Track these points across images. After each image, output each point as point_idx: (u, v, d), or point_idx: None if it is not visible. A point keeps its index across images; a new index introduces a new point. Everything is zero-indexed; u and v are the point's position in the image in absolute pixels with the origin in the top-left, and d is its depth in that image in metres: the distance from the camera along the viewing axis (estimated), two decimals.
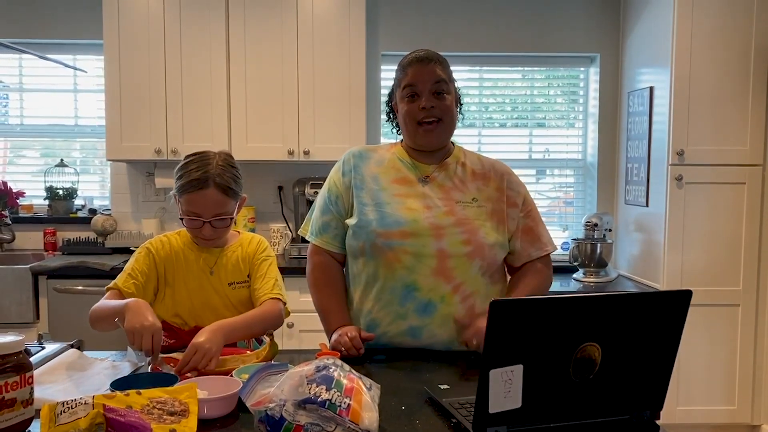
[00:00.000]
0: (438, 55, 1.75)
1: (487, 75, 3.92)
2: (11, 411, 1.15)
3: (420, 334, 1.70)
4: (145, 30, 3.40)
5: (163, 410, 1.13)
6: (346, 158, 1.83)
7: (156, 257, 1.74)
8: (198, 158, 1.70)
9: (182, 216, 1.71)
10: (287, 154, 3.46)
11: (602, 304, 1.12)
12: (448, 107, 1.73)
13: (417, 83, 1.72)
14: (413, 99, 1.73)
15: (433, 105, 1.71)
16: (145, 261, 1.74)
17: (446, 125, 1.74)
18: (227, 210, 1.71)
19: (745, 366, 3.24)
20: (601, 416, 1.19)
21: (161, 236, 1.81)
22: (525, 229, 1.78)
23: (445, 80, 1.73)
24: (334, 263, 1.84)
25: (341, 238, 1.80)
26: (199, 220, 1.68)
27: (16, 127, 3.91)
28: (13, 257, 3.62)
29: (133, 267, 1.73)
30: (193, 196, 1.67)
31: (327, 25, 3.42)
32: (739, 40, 3.12)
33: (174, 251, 1.76)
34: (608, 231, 3.52)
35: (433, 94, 1.71)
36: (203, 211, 1.68)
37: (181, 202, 1.70)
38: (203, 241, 1.74)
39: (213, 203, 1.67)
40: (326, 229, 1.81)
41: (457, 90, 1.80)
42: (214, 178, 1.66)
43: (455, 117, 1.78)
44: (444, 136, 1.76)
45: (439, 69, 1.72)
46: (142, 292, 1.70)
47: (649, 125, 3.36)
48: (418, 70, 1.72)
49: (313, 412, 1.08)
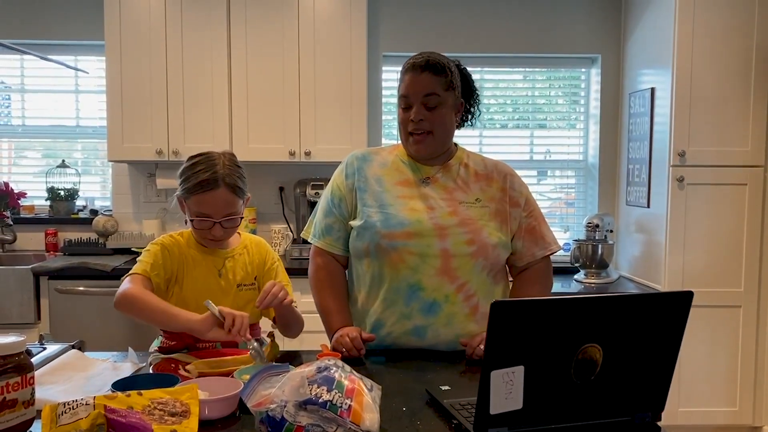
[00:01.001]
0: (437, 62, 1.70)
1: (488, 76, 3.92)
2: (12, 412, 1.15)
3: (425, 333, 1.71)
4: (146, 31, 3.40)
5: (164, 411, 1.13)
6: (350, 161, 1.83)
7: (170, 254, 1.73)
8: (204, 159, 1.69)
9: (191, 217, 1.70)
10: (288, 155, 3.46)
11: (603, 305, 1.12)
12: (440, 120, 1.71)
13: (409, 94, 1.71)
14: (406, 109, 1.73)
15: (423, 118, 1.70)
16: (162, 255, 1.71)
17: (437, 138, 1.73)
18: (237, 209, 1.71)
19: (746, 367, 3.24)
20: (602, 418, 1.18)
21: (168, 235, 1.78)
22: (528, 229, 1.79)
23: (437, 93, 1.69)
24: (337, 265, 1.85)
25: (344, 241, 1.81)
26: (209, 221, 1.68)
27: (18, 128, 3.91)
28: (14, 258, 3.62)
29: (151, 259, 1.69)
30: (204, 197, 1.66)
31: (328, 26, 3.43)
32: (741, 41, 3.12)
33: (182, 251, 1.76)
34: (609, 232, 3.52)
35: (424, 106, 1.70)
36: (214, 211, 1.67)
37: (190, 204, 1.69)
38: (211, 242, 1.73)
39: (223, 203, 1.67)
40: (329, 232, 1.81)
41: (457, 97, 1.76)
42: (223, 178, 1.66)
43: (449, 128, 1.75)
44: (434, 147, 1.75)
45: (432, 79, 1.69)
46: (162, 283, 1.69)
47: (651, 126, 3.36)
48: (412, 79, 1.70)
49: (314, 413, 1.08)
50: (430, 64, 1.69)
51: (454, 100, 1.74)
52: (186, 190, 1.68)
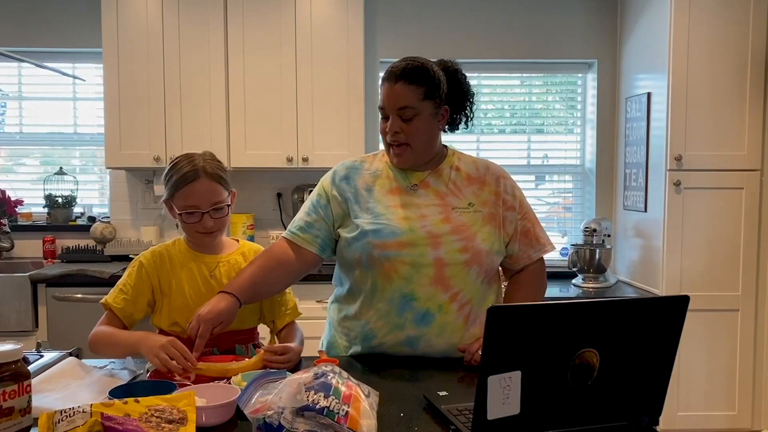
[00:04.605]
0: (413, 70, 1.65)
1: (485, 81, 3.93)
2: (9, 420, 1.15)
3: (417, 344, 1.69)
4: (143, 38, 3.41)
5: (162, 418, 1.13)
6: (338, 169, 1.81)
7: (148, 269, 1.77)
8: (184, 156, 1.76)
9: (180, 212, 1.73)
10: (286, 161, 3.46)
11: (600, 309, 1.12)
12: (416, 131, 1.67)
13: (385, 105, 1.70)
14: (385, 119, 1.72)
15: (398, 130, 1.67)
16: (137, 275, 1.77)
17: (414, 149, 1.70)
18: (222, 198, 1.75)
19: (745, 371, 3.24)
20: (600, 422, 1.18)
21: (153, 248, 1.83)
22: (523, 232, 1.78)
23: (411, 105, 1.64)
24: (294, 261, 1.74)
25: (321, 241, 1.75)
26: (198, 212, 1.72)
27: (16, 136, 3.91)
28: (12, 265, 3.62)
29: (125, 282, 1.76)
30: (187, 189, 1.71)
31: (325, 32, 3.43)
32: (736, 45, 3.13)
33: (170, 260, 1.78)
34: (607, 236, 3.52)
35: (399, 118, 1.67)
36: (200, 202, 1.71)
37: (176, 202, 1.73)
38: (203, 236, 1.75)
39: (208, 192, 1.72)
40: (309, 228, 1.75)
41: (439, 104, 1.70)
42: (203, 168, 1.72)
43: (428, 137, 1.71)
44: (414, 158, 1.72)
45: (406, 90, 1.64)
46: (132, 306, 1.74)
47: (647, 131, 3.37)
48: (387, 90, 1.68)
49: (312, 419, 1.08)
50: (405, 73, 1.64)
51: (433, 108, 1.69)
52: (170, 188, 1.74)
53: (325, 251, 1.77)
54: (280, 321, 1.84)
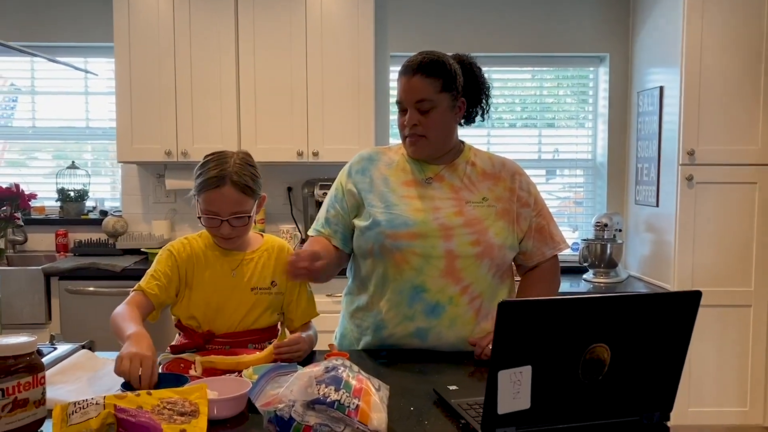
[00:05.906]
0: (430, 63, 1.67)
1: (496, 75, 3.91)
2: (24, 411, 1.16)
3: (426, 336, 1.70)
4: (155, 33, 3.42)
5: (174, 410, 1.14)
6: (356, 160, 1.83)
7: (178, 259, 1.75)
8: (216, 157, 1.72)
9: (200, 215, 1.72)
10: (296, 156, 3.47)
11: (611, 304, 1.11)
12: (434, 124, 1.69)
13: (402, 99, 1.70)
14: (402, 112, 1.72)
15: (416, 122, 1.69)
16: (167, 263, 1.74)
17: (432, 141, 1.71)
18: (245, 208, 1.71)
19: (757, 367, 3.22)
20: (611, 417, 1.18)
21: (182, 239, 1.81)
22: (537, 228, 1.78)
23: (428, 98, 1.66)
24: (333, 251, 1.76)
25: (341, 235, 1.78)
26: (216, 219, 1.69)
27: (29, 130, 3.94)
28: (25, 259, 3.65)
29: (156, 269, 1.73)
30: (210, 194, 1.67)
31: (336, 26, 3.43)
32: (750, 38, 3.10)
33: (195, 253, 1.77)
34: (618, 231, 3.51)
35: (417, 110, 1.68)
36: (220, 209, 1.68)
37: (201, 201, 1.71)
38: (223, 240, 1.75)
39: (230, 201, 1.67)
40: (328, 224, 1.79)
41: (456, 96, 1.71)
42: (231, 176, 1.67)
43: (446, 130, 1.72)
44: (430, 150, 1.74)
45: (424, 83, 1.66)
46: (164, 293, 1.71)
47: (659, 125, 3.34)
48: (404, 84, 1.69)
49: (322, 412, 1.09)
50: (422, 66, 1.66)
51: (450, 101, 1.70)
52: (196, 187, 1.71)
53: (347, 244, 1.79)
54: (298, 321, 1.84)
